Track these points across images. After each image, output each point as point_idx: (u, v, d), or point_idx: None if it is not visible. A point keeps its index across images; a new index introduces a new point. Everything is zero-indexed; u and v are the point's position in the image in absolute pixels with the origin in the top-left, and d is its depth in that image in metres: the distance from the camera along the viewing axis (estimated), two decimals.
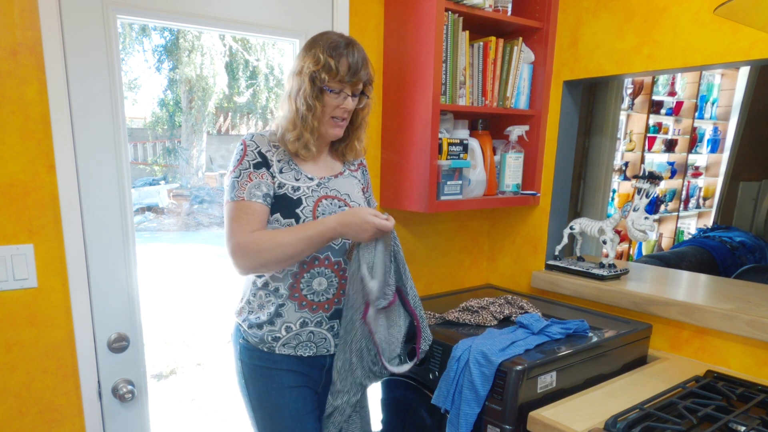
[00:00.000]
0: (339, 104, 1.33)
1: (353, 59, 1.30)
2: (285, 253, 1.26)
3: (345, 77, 1.29)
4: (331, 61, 1.28)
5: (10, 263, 1.32)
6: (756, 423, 1.20)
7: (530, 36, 1.95)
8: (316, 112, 1.31)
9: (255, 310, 1.39)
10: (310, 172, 1.39)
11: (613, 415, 1.22)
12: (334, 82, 1.30)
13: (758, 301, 1.61)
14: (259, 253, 1.26)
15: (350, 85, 1.32)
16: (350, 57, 1.30)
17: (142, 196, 4.67)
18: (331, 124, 1.35)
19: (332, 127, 1.36)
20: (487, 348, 1.38)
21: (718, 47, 1.54)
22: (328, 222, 1.28)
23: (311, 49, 1.31)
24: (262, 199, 1.30)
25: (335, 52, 1.29)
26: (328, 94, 1.31)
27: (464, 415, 1.36)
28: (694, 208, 5.23)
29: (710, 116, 5.04)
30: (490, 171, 1.94)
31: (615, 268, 1.89)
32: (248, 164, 1.32)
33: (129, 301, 1.50)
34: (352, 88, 1.33)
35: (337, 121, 1.36)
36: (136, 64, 3.14)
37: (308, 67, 1.29)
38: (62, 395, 1.43)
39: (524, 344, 1.43)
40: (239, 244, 1.27)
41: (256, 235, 1.27)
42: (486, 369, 1.35)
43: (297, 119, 1.32)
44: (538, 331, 1.50)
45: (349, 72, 1.30)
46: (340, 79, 1.30)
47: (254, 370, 1.41)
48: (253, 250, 1.26)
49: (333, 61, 1.28)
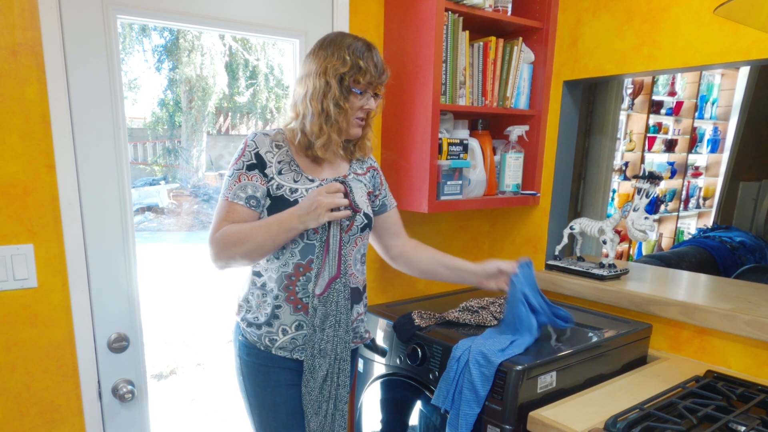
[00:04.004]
0: (363, 105, 1.35)
1: (378, 60, 1.34)
2: (250, 245, 1.26)
3: (375, 78, 1.32)
4: (361, 63, 1.30)
5: (10, 263, 1.32)
6: (756, 423, 1.20)
7: (530, 36, 1.94)
8: (347, 113, 1.33)
9: (253, 310, 1.40)
10: (312, 173, 1.39)
11: (613, 415, 1.21)
12: (363, 83, 1.32)
13: (758, 301, 1.61)
14: (226, 245, 1.28)
15: (375, 86, 1.35)
16: (375, 58, 1.33)
17: (142, 196, 4.67)
18: (355, 125, 1.38)
19: (356, 127, 1.38)
20: (487, 348, 1.38)
21: (718, 47, 1.54)
22: (290, 210, 1.29)
23: (335, 51, 1.31)
24: (245, 201, 1.31)
25: (363, 54, 1.31)
26: (354, 94, 1.33)
27: (464, 415, 1.36)
28: (694, 208, 5.23)
29: (710, 116, 5.04)
30: (490, 171, 1.94)
31: (615, 268, 1.89)
32: (242, 165, 1.33)
33: (129, 301, 1.50)
34: (376, 88, 1.35)
35: (359, 121, 1.38)
36: (136, 64, 3.13)
37: (335, 68, 1.29)
38: (62, 395, 1.43)
39: (524, 342, 1.43)
40: (211, 239, 1.31)
41: (225, 229, 1.29)
42: (486, 369, 1.35)
43: (322, 121, 1.32)
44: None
45: (377, 72, 1.33)
46: (370, 80, 1.32)
47: (252, 367, 1.41)
48: (221, 244, 1.28)
49: (363, 63, 1.30)
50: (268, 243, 1.27)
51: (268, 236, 1.26)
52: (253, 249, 1.27)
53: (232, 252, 1.28)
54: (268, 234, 1.26)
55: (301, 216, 1.25)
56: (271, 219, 1.29)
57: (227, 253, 1.29)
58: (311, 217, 1.25)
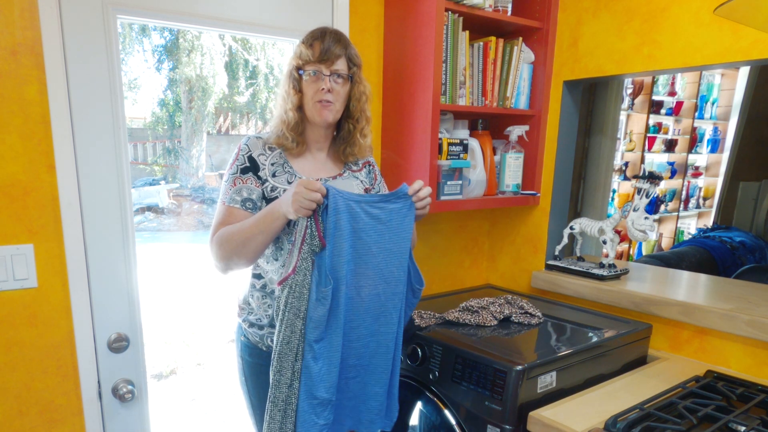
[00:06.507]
0: (319, 87, 1.32)
1: (329, 43, 1.32)
2: (241, 238, 1.26)
3: (318, 56, 1.31)
4: (303, 47, 1.32)
5: (10, 263, 1.32)
6: (756, 423, 1.20)
7: (530, 36, 1.95)
8: (292, 100, 1.34)
9: (254, 311, 1.40)
10: (305, 173, 1.39)
11: (613, 415, 1.21)
12: (310, 65, 1.32)
13: (758, 301, 1.61)
14: (221, 244, 1.28)
15: (325, 63, 1.31)
16: (324, 40, 1.32)
17: (142, 196, 4.67)
18: (317, 108, 1.33)
19: (319, 110, 1.34)
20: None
21: (718, 47, 1.54)
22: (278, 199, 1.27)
23: (296, 48, 1.36)
24: (240, 204, 1.32)
25: (310, 39, 1.33)
26: (306, 79, 1.33)
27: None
28: (694, 208, 5.23)
29: (710, 116, 5.04)
30: (490, 171, 1.94)
31: (615, 268, 1.89)
32: (236, 169, 1.34)
33: (129, 301, 1.50)
34: (328, 66, 1.32)
35: (323, 103, 1.33)
36: (136, 64, 3.13)
37: (291, 64, 1.35)
38: (62, 395, 1.43)
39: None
40: (211, 242, 1.31)
41: (222, 230, 1.30)
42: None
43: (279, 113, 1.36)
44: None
45: (322, 50, 1.31)
46: (315, 60, 1.31)
47: (254, 367, 1.41)
48: (218, 244, 1.29)
49: (304, 46, 1.32)
50: (258, 236, 1.25)
51: (257, 228, 1.26)
52: (245, 242, 1.25)
53: (227, 249, 1.27)
54: (257, 225, 1.26)
55: (283, 204, 1.23)
56: (260, 212, 1.29)
57: (224, 251, 1.28)
58: (287, 206, 1.20)
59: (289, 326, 1.23)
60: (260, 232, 1.26)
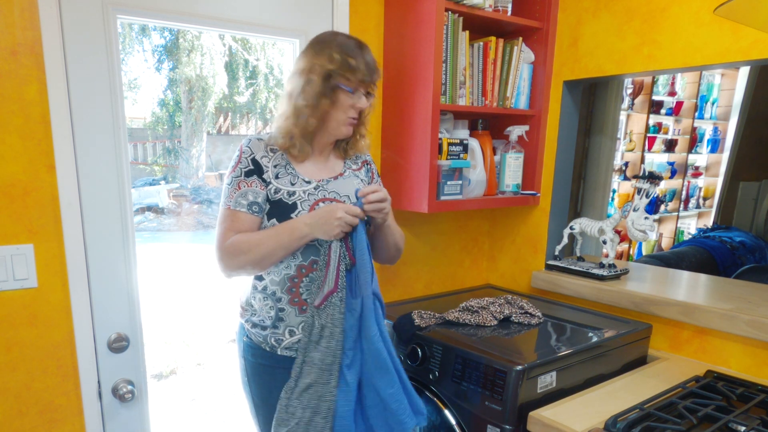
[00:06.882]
0: (354, 103, 1.32)
1: (370, 58, 1.32)
2: (259, 253, 1.27)
3: (365, 76, 1.30)
4: (351, 60, 1.28)
5: (10, 263, 1.32)
6: (756, 423, 1.20)
7: (530, 36, 1.95)
8: (319, 109, 1.31)
9: (257, 313, 1.39)
10: (308, 174, 1.38)
11: (613, 415, 1.22)
12: (353, 81, 1.30)
13: (758, 301, 1.61)
14: (235, 254, 1.28)
15: (366, 84, 1.32)
16: (367, 56, 1.31)
17: (142, 196, 4.67)
18: (346, 123, 1.35)
19: (346, 125, 1.36)
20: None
21: (718, 47, 1.54)
22: (301, 218, 1.29)
23: (323, 49, 1.30)
24: (247, 208, 1.31)
25: (353, 52, 1.29)
26: (344, 92, 1.31)
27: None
28: (694, 208, 5.23)
29: (710, 116, 5.04)
30: (490, 171, 1.94)
31: (615, 268, 1.89)
32: (240, 172, 1.33)
33: (129, 301, 1.50)
34: (368, 87, 1.33)
35: (351, 120, 1.36)
36: (136, 64, 3.14)
37: (321, 65, 1.28)
38: (62, 395, 1.43)
39: None
40: (220, 249, 1.31)
41: (235, 238, 1.29)
42: None
43: (291, 116, 1.32)
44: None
45: (368, 71, 1.30)
46: (361, 78, 1.30)
47: (257, 368, 1.41)
48: (231, 253, 1.29)
49: (353, 60, 1.28)
50: (279, 251, 1.28)
51: (278, 244, 1.27)
52: (264, 257, 1.28)
53: (242, 261, 1.28)
54: (278, 242, 1.27)
55: (313, 225, 1.26)
56: (280, 227, 1.30)
57: (236, 262, 1.29)
58: (323, 230, 1.25)
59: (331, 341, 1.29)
60: (281, 248, 1.28)
